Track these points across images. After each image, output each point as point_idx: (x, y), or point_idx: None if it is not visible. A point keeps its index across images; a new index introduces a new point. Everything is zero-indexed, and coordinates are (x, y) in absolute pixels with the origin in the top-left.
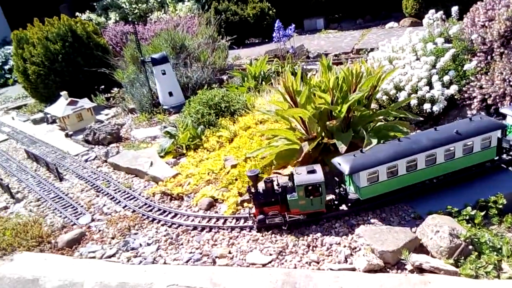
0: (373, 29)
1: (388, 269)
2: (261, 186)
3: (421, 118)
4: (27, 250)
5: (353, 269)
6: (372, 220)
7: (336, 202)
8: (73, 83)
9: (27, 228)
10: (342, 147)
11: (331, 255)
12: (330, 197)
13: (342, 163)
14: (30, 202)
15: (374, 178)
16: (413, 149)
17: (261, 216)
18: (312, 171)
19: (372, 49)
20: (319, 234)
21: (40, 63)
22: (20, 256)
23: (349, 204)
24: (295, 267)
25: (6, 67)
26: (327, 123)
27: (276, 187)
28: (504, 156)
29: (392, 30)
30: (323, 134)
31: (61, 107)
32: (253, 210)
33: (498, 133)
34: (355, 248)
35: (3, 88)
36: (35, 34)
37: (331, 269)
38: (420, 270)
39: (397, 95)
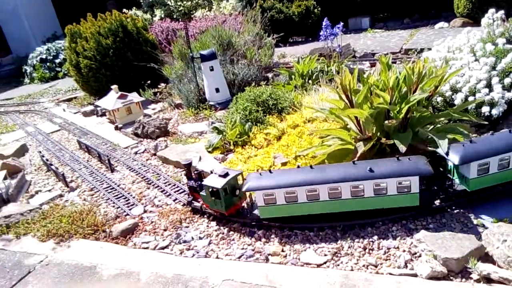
0: (422, 29)
1: (451, 277)
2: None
3: (486, 122)
4: (83, 237)
5: (415, 275)
6: (431, 225)
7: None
8: (122, 78)
9: (83, 216)
10: (402, 147)
11: (389, 259)
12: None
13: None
14: (83, 191)
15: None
16: None
17: (190, 199)
18: (224, 175)
19: (422, 50)
20: (375, 237)
21: (92, 57)
22: (76, 243)
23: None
24: (352, 270)
25: (57, 60)
26: (386, 122)
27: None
28: None
29: (443, 31)
30: (378, 134)
31: (111, 100)
32: None
33: None
34: (415, 253)
35: (54, 81)
36: (88, 29)
37: (390, 274)
38: (487, 280)
39: (453, 96)
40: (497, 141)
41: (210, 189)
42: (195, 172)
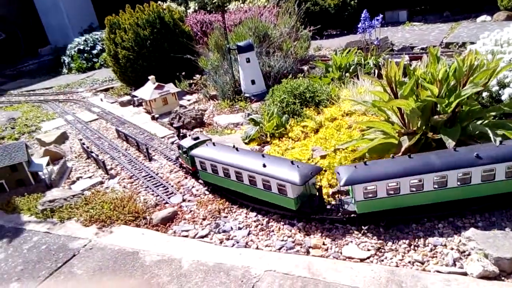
0: (463, 23)
1: (503, 278)
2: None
3: None
4: (124, 223)
5: (464, 274)
6: (480, 224)
7: None
8: (158, 68)
9: (124, 203)
10: (450, 143)
11: (436, 256)
12: None
13: None
14: (123, 178)
15: None
16: None
17: (177, 155)
18: (195, 139)
19: (464, 43)
20: (421, 234)
21: (130, 47)
22: (118, 229)
23: None
24: (397, 266)
25: (94, 51)
26: (434, 117)
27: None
28: None
29: (485, 24)
30: (423, 128)
31: (148, 90)
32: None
33: None
34: (464, 251)
35: (91, 72)
36: (126, 20)
37: (438, 271)
38: None
39: (500, 92)
40: None
41: (182, 148)
42: (181, 134)
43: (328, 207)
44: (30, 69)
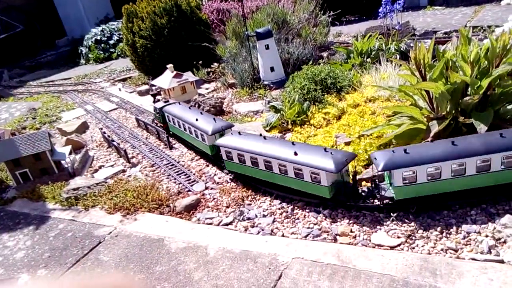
0: (486, 6)
1: None
2: None
3: None
4: (148, 211)
5: (501, 261)
6: None
7: None
8: (176, 57)
9: (147, 191)
10: (482, 127)
11: (470, 244)
12: None
13: None
14: (145, 167)
15: None
16: None
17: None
18: (166, 101)
19: (489, 26)
20: (453, 221)
21: (147, 36)
22: (142, 216)
23: None
24: (429, 253)
25: (111, 42)
26: (465, 99)
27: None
28: None
29: (511, 7)
30: (453, 113)
31: (167, 79)
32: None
33: None
34: (500, 239)
35: (108, 62)
36: (144, 9)
37: (473, 259)
38: None
39: None
40: None
41: (156, 109)
42: (156, 100)
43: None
44: (48, 60)
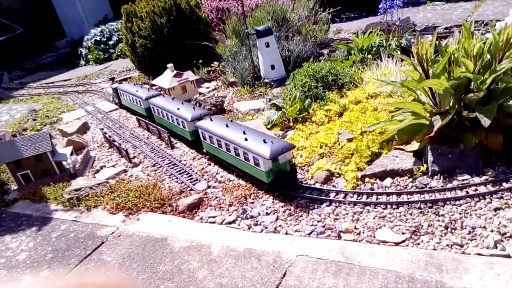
0: (487, 0)
1: None
2: None
3: None
4: (151, 211)
5: (507, 256)
6: None
7: None
8: (176, 56)
9: (149, 191)
10: (486, 121)
11: (475, 239)
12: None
13: None
14: (146, 166)
15: None
16: None
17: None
18: (119, 82)
19: (490, 21)
20: (457, 216)
21: (147, 36)
22: (145, 216)
23: None
24: (435, 249)
25: (110, 42)
26: (469, 95)
27: None
28: None
29: (511, 1)
30: (456, 107)
31: (167, 79)
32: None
33: None
34: (505, 233)
35: (108, 62)
36: (143, 8)
37: (479, 254)
38: None
39: None
40: None
41: (113, 89)
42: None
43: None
44: (48, 61)
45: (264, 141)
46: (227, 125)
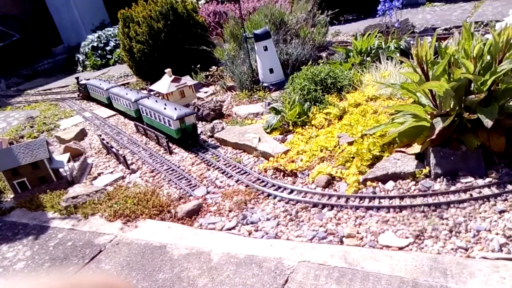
0: (486, 1)
1: None
2: None
3: None
4: (149, 218)
5: None
6: None
7: None
8: (174, 61)
9: (147, 197)
10: (488, 122)
11: (480, 242)
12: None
13: None
14: (145, 173)
15: None
16: None
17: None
18: (87, 79)
19: (490, 21)
20: (461, 219)
21: (144, 41)
22: (143, 223)
23: None
24: (439, 253)
25: (108, 48)
26: (470, 97)
27: None
28: None
29: (511, 1)
30: (457, 109)
31: (165, 84)
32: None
33: None
34: (510, 236)
35: (105, 68)
36: (140, 13)
37: (484, 258)
38: None
39: None
40: None
41: (80, 85)
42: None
43: None
44: (45, 68)
45: (175, 109)
46: (156, 101)
